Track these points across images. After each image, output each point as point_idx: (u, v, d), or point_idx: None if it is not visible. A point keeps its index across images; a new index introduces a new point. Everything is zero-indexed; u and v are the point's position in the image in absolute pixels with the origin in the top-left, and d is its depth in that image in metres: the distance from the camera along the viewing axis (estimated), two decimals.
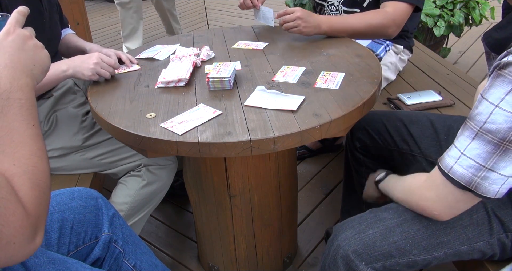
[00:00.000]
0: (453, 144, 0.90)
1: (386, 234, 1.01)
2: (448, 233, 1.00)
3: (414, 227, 1.01)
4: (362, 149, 1.48)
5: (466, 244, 1.00)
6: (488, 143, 0.83)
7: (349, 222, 1.07)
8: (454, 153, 0.89)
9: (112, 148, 1.50)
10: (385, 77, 1.85)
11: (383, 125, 1.39)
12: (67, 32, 1.69)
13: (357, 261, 1.00)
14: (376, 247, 1.00)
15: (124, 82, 1.39)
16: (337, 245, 1.03)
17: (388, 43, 1.80)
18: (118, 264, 1.06)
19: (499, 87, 0.81)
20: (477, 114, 0.85)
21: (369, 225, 1.03)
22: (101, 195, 1.10)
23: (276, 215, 1.48)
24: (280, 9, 1.57)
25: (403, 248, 1.00)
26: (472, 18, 2.82)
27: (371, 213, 1.07)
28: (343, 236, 1.03)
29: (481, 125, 0.84)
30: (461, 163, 0.87)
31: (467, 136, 0.87)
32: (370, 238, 1.01)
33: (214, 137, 1.05)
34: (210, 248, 1.59)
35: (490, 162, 0.84)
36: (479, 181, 0.86)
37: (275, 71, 1.36)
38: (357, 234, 1.02)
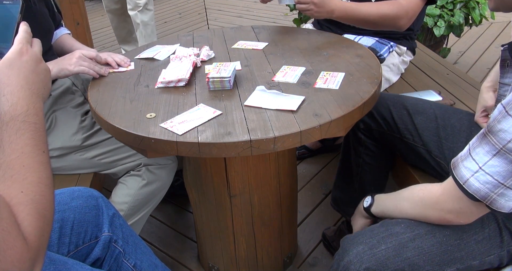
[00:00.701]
0: (469, 155, 0.88)
1: (399, 250, 0.97)
2: (462, 249, 0.98)
3: (428, 242, 0.98)
4: (365, 130, 1.47)
5: (478, 259, 0.99)
6: (510, 162, 0.81)
7: (359, 236, 1.03)
8: (471, 165, 0.87)
9: (112, 148, 1.50)
10: (387, 78, 1.85)
11: (389, 111, 1.38)
12: (62, 32, 1.68)
13: None
14: (389, 263, 0.97)
15: (124, 82, 1.39)
16: (348, 261, 0.99)
17: (392, 44, 1.80)
18: (118, 264, 1.06)
19: None
20: (501, 130, 0.81)
21: (381, 240, 0.99)
22: (101, 195, 1.10)
23: (276, 215, 1.48)
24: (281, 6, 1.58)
25: (416, 264, 0.97)
26: (472, 18, 2.82)
27: (382, 227, 1.03)
28: (354, 252, 0.99)
29: (505, 143, 0.81)
30: (478, 178, 0.85)
31: (488, 151, 0.84)
32: (383, 254, 0.97)
33: (214, 137, 1.05)
34: (210, 248, 1.59)
35: (510, 181, 0.82)
36: (495, 197, 0.84)
37: (275, 71, 1.36)
38: (369, 250, 0.98)
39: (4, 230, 0.57)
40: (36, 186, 0.66)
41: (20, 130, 0.67)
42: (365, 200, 1.19)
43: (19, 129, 0.67)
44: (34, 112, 0.70)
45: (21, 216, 0.62)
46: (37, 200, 0.65)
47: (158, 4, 5.58)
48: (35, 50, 0.75)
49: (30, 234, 0.61)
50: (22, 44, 0.73)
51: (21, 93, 0.69)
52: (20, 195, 0.63)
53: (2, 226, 0.57)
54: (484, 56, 3.46)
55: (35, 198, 0.65)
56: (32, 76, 0.72)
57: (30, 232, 0.61)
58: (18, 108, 0.68)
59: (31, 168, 0.66)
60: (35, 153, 0.68)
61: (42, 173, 0.68)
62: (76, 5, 2.81)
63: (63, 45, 1.64)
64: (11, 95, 0.69)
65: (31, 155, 0.67)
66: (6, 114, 0.68)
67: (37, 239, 0.62)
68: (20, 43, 0.73)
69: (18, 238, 0.59)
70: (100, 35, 4.48)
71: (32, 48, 0.75)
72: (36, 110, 0.70)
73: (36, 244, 0.62)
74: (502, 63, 0.96)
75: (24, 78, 0.71)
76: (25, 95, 0.70)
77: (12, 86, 0.70)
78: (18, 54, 0.72)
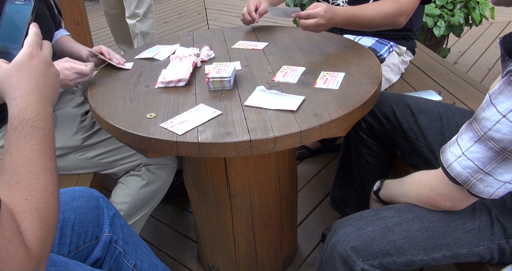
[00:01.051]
0: (456, 140, 0.92)
1: (385, 232, 1.01)
2: (448, 236, 1.00)
3: (415, 227, 1.01)
4: (367, 130, 1.47)
5: (465, 247, 1.00)
6: (490, 149, 0.85)
7: (349, 218, 1.07)
8: (456, 150, 0.91)
9: (112, 148, 1.50)
10: (387, 78, 1.85)
11: (392, 110, 1.38)
12: (62, 33, 1.68)
13: (355, 257, 1.00)
14: (375, 244, 1.00)
15: (124, 82, 1.39)
16: (335, 241, 1.04)
17: (392, 44, 1.80)
18: (118, 265, 1.06)
19: (509, 96, 0.81)
20: (483, 118, 0.85)
21: (368, 223, 1.03)
22: (102, 195, 1.10)
23: (276, 215, 1.48)
24: None
25: (402, 247, 1.00)
26: (472, 18, 2.82)
27: (372, 211, 1.07)
28: (342, 232, 1.03)
29: (486, 131, 0.85)
30: (460, 162, 0.89)
31: (471, 138, 0.88)
32: (369, 235, 1.01)
33: (214, 137, 1.05)
34: (210, 248, 1.59)
35: (488, 167, 0.86)
36: (474, 182, 0.88)
37: (275, 71, 1.36)
38: (356, 231, 1.02)
39: (6, 239, 0.57)
40: (41, 193, 0.65)
41: (28, 135, 0.66)
42: (375, 184, 1.23)
43: (27, 134, 0.66)
44: (43, 117, 0.69)
45: (24, 224, 0.61)
46: (41, 208, 0.64)
47: (158, 4, 5.58)
48: (45, 53, 0.74)
49: (33, 243, 0.61)
50: (32, 47, 0.72)
51: (31, 97, 0.68)
52: (24, 202, 0.63)
53: (4, 235, 0.57)
54: (484, 56, 3.46)
55: (39, 206, 0.64)
56: (42, 80, 0.71)
57: (32, 241, 0.61)
58: (28, 112, 0.67)
59: (37, 175, 0.65)
60: (42, 159, 0.67)
61: (48, 180, 0.67)
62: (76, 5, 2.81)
63: (63, 46, 1.64)
64: (21, 99, 0.68)
65: (38, 161, 0.66)
66: (16, 118, 0.67)
67: (39, 248, 0.61)
68: (31, 46, 0.72)
69: (20, 247, 0.58)
70: (100, 35, 4.48)
71: (42, 51, 0.74)
72: (45, 115, 0.69)
73: (38, 253, 0.61)
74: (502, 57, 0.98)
75: (34, 82, 0.70)
76: (35, 99, 0.69)
77: (22, 90, 0.68)
78: (28, 57, 0.71)
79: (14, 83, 0.69)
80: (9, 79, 0.69)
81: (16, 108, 0.67)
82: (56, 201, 0.67)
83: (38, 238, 0.61)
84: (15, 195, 0.63)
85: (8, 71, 0.69)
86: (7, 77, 0.69)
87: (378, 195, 1.20)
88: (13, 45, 0.74)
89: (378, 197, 1.21)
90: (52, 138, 0.70)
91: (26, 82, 0.69)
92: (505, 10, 4.12)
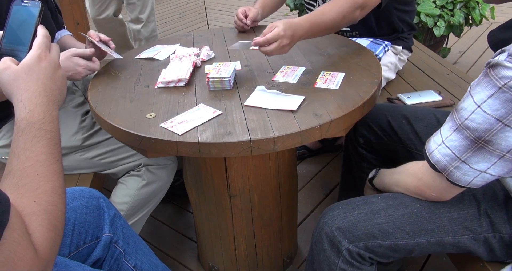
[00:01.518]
0: (439, 130, 0.96)
1: (371, 216, 1.04)
2: (433, 222, 1.03)
3: (399, 212, 1.04)
4: (366, 145, 1.47)
5: (450, 235, 1.03)
6: (466, 138, 0.88)
7: (338, 204, 1.11)
8: (437, 139, 0.95)
9: (112, 148, 1.50)
10: (385, 77, 1.85)
11: (387, 122, 1.38)
12: (63, 33, 1.68)
13: (340, 237, 1.04)
14: (360, 226, 1.03)
15: (124, 82, 1.39)
16: (323, 223, 1.08)
17: (387, 43, 1.80)
18: (119, 265, 1.06)
19: (484, 87, 0.84)
20: (462, 108, 0.89)
21: (355, 207, 1.07)
22: (102, 195, 1.10)
23: (276, 215, 1.48)
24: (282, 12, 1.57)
25: (386, 230, 1.03)
26: (472, 18, 2.82)
27: (360, 198, 1.11)
28: (329, 215, 1.08)
29: (463, 120, 0.88)
30: (440, 150, 0.93)
31: (450, 127, 0.92)
32: (354, 217, 1.05)
33: (214, 137, 1.05)
34: (210, 248, 1.59)
35: (464, 156, 0.89)
36: (452, 169, 0.92)
37: (275, 71, 1.36)
38: (343, 213, 1.06)
39: (15, 241, 0.57)
40: (49, 195, 0.65)
41: (35, 138, 0.67)
42: (371, 172, 1.26)
43: (34, 136, 0.67)
44: (50, 120, 0.69)
45: (32, 226, 0.61)
46: (49, 210, 0.64)
47: (158, 4, 5.58)
48: (54, 55, 0.74)
49: (41, 245, 0.61)
50: (41, 49, 0.71)
51: (38, 100, 0.69)
52: (33, 204, 0.63)
53: (13, 237, 0.57)
54: (484, 56, 3.46)
55: (47, 208, 0.64)
56: (50, 83, 0.71)
57: (41, 243, 0.61)
58: (35, 115, 0.68)
59: (45, 177, 0.66)
60: (50, 162, 0.67)
61: (56, 182, 0.67)
62: (76, 5, 2.82)
63: (64, 46, 1.64)
64: (28, 101, 0.68)
65: (46, 164, 0.67)
66: (23, 120, 0.67)
67: (47, 250, 0.62)
68: (39, 48, 0.71)
69: (29, 249, 0.58)
70: None
71: (51, 54, 0.73)
72: (52, 118, 0.69)
73: (46, 255, 0.61)
74: None
75: (42, 85, 0.70)
76: (42, 102, 0.69)
77: (30, 93, 0.69)
78: (37, 60, 0.71)
79: (22, 85, 0.69)
80: (17, 81, 0.69)
81: (24, 111, 0.68)
82: (64, 204, 0.68)
83: (46, 240, 0.62)
84: (24, 197, 0.63)
85: (17, 73, 0.69)
86: (15, 79, 0.69)
87: (372, 183, 1.23)
88: (20, 47, 0.73)
89: (372, 185, 1.24)
90: (59, 140, 0.70)
91: (34, 84, 0.69)
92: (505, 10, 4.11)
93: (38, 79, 0.70)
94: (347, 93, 1.20)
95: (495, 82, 0.82)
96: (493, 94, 0.82)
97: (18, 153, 0.66)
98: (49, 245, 0.62)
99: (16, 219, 0.58)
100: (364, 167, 1.52)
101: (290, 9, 3.26)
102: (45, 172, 0.66)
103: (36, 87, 0.69)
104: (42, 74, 0.71)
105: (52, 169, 0.67)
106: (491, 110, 0.83)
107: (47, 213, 0.64)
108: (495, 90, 0.82)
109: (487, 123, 0.84)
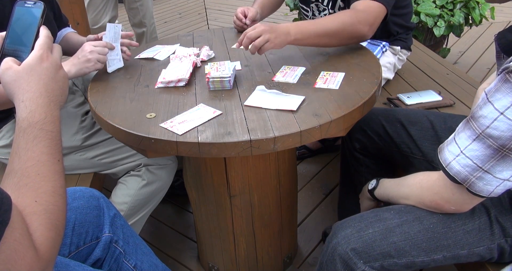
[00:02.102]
0: (453, 139, 0.92)
1: (386, 234, 1.01)
2: (449, 237, 1.00)
3: (415, 228, 1.01)
4: (362, 150, 1.47)
5: (466, 248, 1.00)
6: (488, 147, 0.85)
7: (349, 220, 1.07)
8: (454, 149, 0.91)
9: (112, 148, 1.50)
10: (384, 77, 1.85)
11: (382, 126, 1.38)
12: (68, 31, 1.68)
13: (356, 259, 1.00)
14: (376, 246, 1.00)
15: (124, 82, 1.39)
16: (336, 243, 1.03)
17: (385, 43, 1.80)
18: (119, 265, 1.06)
19: (506, 94, 0.81)
20: (481, 116, 0.85)
21: (369, 224, 1.03)
22: (102, 195, 1.10)
23: (276, 215, 1.48)
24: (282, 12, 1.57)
25: (402, 248, 1.00)
26: (472, 18, 2.81)
27: (372, 213, 1.07)
28: (342, 234, 1.03)
29: (484, 128, 0.85)
30: (459, 161, 0.89)
31: (469, 136, 0.88)
32: (369, 237, 1.01)
33: (214, 137, 1.05)
34: (210, 248, 1.59)
35: (487, 165, 0.86)
36: (474, 180, 0.88)
37: (275, 71, 1.36)
38: (357, 233, 1.02)
39: (16, 240, 0.57)
40: (50, 195, 0.65)
41: (37, 138, 0.67)
42: (370, 182, 1.22)
43: (36, 136, 0.67)
44: (51, 120, 0.69)
45: (33, 225, 0.61)
46: (50, 210, 0.64)
47: (158, 4, 5.58)
48: (56, 56, 0.74)
49: (42, 244, 0.61)
50: (43, 50, 0.72)
51: (40, 100, 0.69)
52: (34, 204, 0.63)
53: (14, 236, 0.57)
54: (484, 56, 3.46)
55: (48, 208, 0.64)
56: (52, 83, 0.72)
57: (41, 242, 0.61)
58: (36, 115, 0.68)
59: (46, 177, 0.66)
60: (51, 162, 0.68)
61: (57, 182, 0.67)
62: (76, 5, 2.81)
63: (69, 42, 1.64)
64: (30, 101, 0.68)
65: (47, 164, 0.67)
66: (24, 120, 0.68)
67: (48, 250, 0.62)
68: (41, 49, 0.72)
69: (30, 248, 0.58)
70: None
71: (53, 54, 0.74)
72: (53, 118, 0.70)
73: (47, 254, 0.61)
74: (498, 54, 0.98)
75: (43, 85, 0.70)
76: (43, 102, 0.69)
77: (31, 93, 0.69)
78: (39, 60, 0.71)
79: (24, 85, 0.69)
80: (19, 82, 0.69)
81: (25, 111, 0.68)
82: (65, 204, 0.68)
83: (47, 240, 0.62)
84: (25, 197, 0.63)
85: (18, 73, 0.69)
86: (17, 79, 0.69)
87: (373, 194, 1.20)
88: (22, 47, 0.73)
89: (373, 195, 1.20)
90: (60, 141, 0.71)
91: (35, 85, 0.70)
92: (505, 10, 4.12)
93: (39, 79, 0.70)
94: (347, 93, 1.20)
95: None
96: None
97: (19, 153, 0.66)
98: (49, 245, 0.62)
99: (17, 218, 0.59)
100: (362, 171, 1.51)
101: (290, 9, 3.26)
102: (46, 172, 0.66)
103: (37, 88, 0.69)
104: (44, 75, 0.71)
105: (53, 169, 0.68)
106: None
107: (48, 213, 0.64)
108: None
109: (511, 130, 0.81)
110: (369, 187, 1.22)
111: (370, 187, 1.22)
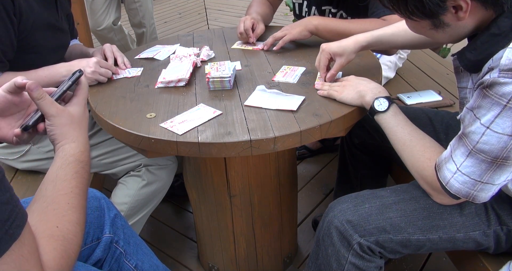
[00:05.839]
0: (450, 156, 0.93)
1: (382, 210, 1.03)
2: (445, 218, 1.02)
3: (411, 206, 1.03)
4: (360, 145, 1.47)
5: (462, 231, 1.02)
6: (482, 162, 0.87)
7: (345, 197, 1.09)
8: (451, 167, 0.92)
9: (112, 149, 1.50)
10: (385, 76, 1.85)
11: None
12: (74, 42, 1.69)
13: (351, 231, 1.02)
14: (371, 220, 1.02)
15: (124, 82, 1.39)
16: (332, 216, 1.06)
17: None
18: (119, 265, 1.06)
19: (488, 109, 0.84)
20: (470, 132, 0.88)
21: (365, 200, 1.05)
22: (104, 196, 1.10)
23: (276, 215, 1.48)
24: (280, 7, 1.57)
25: (398, 225, 1.02)
26: None
27: (368, 191, 1.09)
28: (338, 208, 1.06)
29: (474, 144, 0.87)
30: (457, 179, 0.92)
31: (463, 152, 0.90)
32: (365, 211, 1.03)
33: (214, 137, 1.05)
34: (210, 248, 1.59)
35: (485, 177, 0.89)
36: (476, 193, 0.91)
37: (275, 71, 1.36)
38: (353, 207, 1.04)
39: (23, 257, 0.57)
40: (73, 225, 0.69)
41: (77, 173, 0.75)
42: (380, 102, 1.09)
43: (77, 172, 0.75)
44: (89, 163, 0.81)
45: (47, 248, 0.62)
46: (68, 239, 0.67)
47: (158, 4, 5.58)
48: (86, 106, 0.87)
49: (50, 268, 0.61)
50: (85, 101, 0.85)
51: (87, 146, 0.81)
52: (55, 229, 0.66)
53: (22, 252, 0.57)
54: None
55: (67, 236, 0.67)
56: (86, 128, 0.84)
57: (50, 266, 0.61)
58: (83, 156, 0.79)
59: (74, 208, 0.71)
60: (81, 196, 0.74)
61: (82, 215, 0.72)
62: (76, 5, 2.81)
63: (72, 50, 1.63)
64: (81, 144, 0.80)
65: (78, 197, 0.73)
66: (72, 156, 0.77)
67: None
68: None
69: (35, 268, 0.58)
70: None
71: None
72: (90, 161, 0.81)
73: None
74: (456, 70, 1.01)
75: (85, 132, 0.83)
76: (86, 148, 0.81)
77: (82, 138, 0.81)
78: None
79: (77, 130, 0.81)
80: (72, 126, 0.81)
81: (76, 149, 0.79)
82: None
83: (57, 266, 0.63)
84: (48, 221, 0.67)
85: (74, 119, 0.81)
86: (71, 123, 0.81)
87: (375, 114, 1.09)
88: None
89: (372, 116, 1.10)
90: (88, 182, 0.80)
91: (84, 132, 0.83)
92: None
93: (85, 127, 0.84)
94: None
95: (498, 100, 0.82)
96: (499, 113, 0.82)
97: (56, 182, 0.73)
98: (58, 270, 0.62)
99: (29, 236, 0.59)
100: (359, 167, 1.52)
101: (290, 9, 3.26)
102: (76, 203, 0.72)
103: (85, 135, 0.82)
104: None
105: (82, 203, 0.74)
106: (501, 129, 0.83)
107: (65, 241, 0.66)
108: (500, 108, 0.82)
109: (501, 142, 0.83)
110: (377, 107, 1.08)
111: (379, 108, 1.08)
